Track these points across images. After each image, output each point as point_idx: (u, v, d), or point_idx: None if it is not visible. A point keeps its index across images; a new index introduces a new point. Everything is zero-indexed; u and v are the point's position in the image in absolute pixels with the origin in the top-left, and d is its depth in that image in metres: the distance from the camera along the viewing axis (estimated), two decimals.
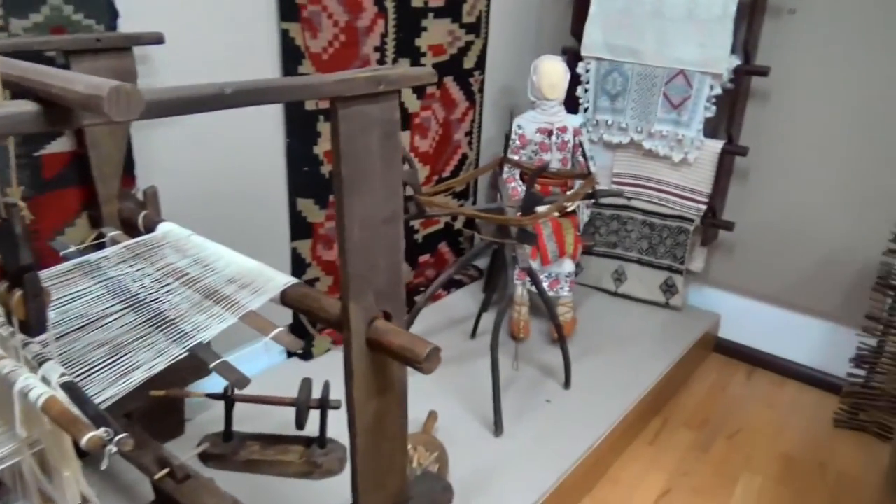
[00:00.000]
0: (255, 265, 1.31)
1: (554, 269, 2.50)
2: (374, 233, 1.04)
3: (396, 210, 1.07)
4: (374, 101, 0.97)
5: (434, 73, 1.06)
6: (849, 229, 2.49)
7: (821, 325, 2.63)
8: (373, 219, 1.03)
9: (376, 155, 1.00)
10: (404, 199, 2.06)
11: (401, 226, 1.09)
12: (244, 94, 0.78)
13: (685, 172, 2.67)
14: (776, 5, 2.49)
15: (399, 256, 1.11)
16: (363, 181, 0.99)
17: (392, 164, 1.03)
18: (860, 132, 2.41)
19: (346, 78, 0.91)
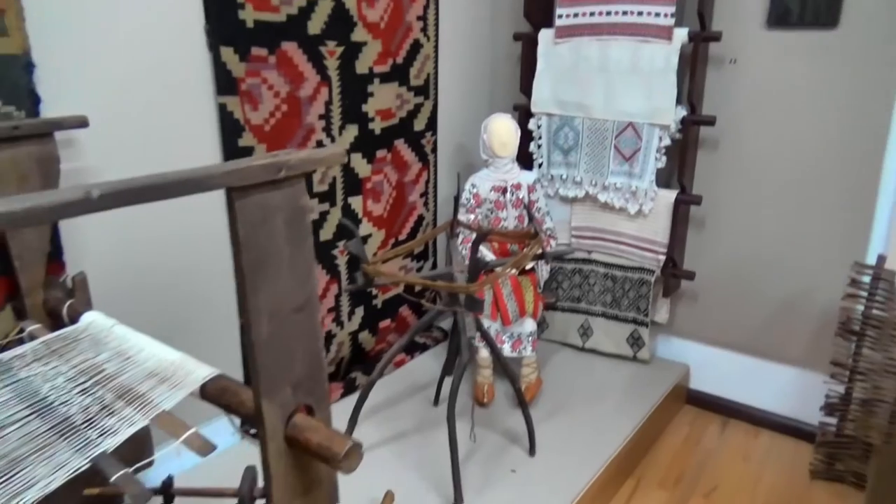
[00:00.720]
0: (178, 357, 1.24)
1: (515, 328, 2.44)
2: (285, 323, 0.98)
3: (310, 296, 1.01)
4: (275, 188, 0.92)
5: (343, 153, 1.02)
6: (807, 274, 2.48)
7: (789, 371, 2.59)
8: (282, 309, 0.97)
9: (282, 242, 0.95)
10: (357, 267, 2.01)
11: (316, 312, 1.03)
12: (116, 197, 0.72)
13: (642, 224, 2.66)
14: (718, 56, 2.53)
15: (318, 344, 1.05)
16: (268, 272, 0.93)
17: (302, 249, 0.98)
18: (810, 176, 2.42)
19: (240, 167, 0.87)
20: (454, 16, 2.76)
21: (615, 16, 2.55)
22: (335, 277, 2.39)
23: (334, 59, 2.22)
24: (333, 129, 2.28)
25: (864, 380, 2.22)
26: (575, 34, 2.65)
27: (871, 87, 2.26)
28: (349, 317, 2.50)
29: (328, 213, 2.32)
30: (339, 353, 2.49)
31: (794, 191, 2.47)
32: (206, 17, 1.83)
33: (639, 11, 2.51)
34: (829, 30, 2.31)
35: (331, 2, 2.16)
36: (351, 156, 2.37)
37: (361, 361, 2.61)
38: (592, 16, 2.60)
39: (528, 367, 2.49)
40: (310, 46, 2.13)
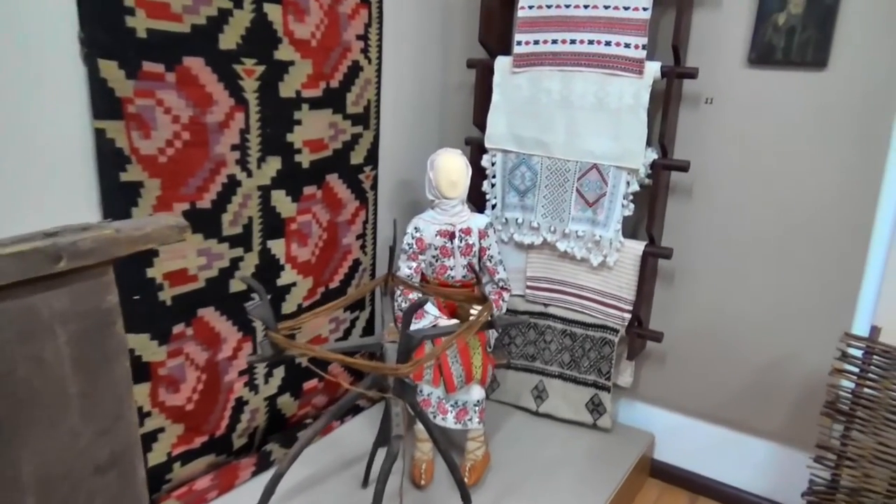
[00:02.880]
0: None
1: (461, 396, 2.11)
2: (77, 491, 0.63)
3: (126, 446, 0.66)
4: (51, 288, 0.57)
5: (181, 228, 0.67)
6: (788, 340, 2.22)
7: (766, 446, 2.32)
8: (69, 474, 0.62)
9: (67, 372, 0.60)
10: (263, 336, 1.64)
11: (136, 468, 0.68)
12: None
13: (606, 277, 2.37)
14: (693, 94, 2.28)
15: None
16: (33, 421, 0.58)
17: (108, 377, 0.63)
18: (793, 231, 2.18)
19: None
20: (400, 37, 2.45)
21: (580, 45, 2.29)
22: (249, 335, 2.02)
23: (252, 79, 1.88)
24: (250, 161, 1.93)
25: (853, 467, 1.95)
26: (535, 63, 2.37)
27: (863, 135, 2.04)
28: (266, 379, 2.13)
29: (241, 259, 1.96)
30: (253, 423, 2.12)
31: (774, 247, 2.21)
32: (81, 22, 1.47)
33: (607, 41, 2.24)
34: (817, 71, 2.08)
35: (249, 13, 1.82)
36: (272, 193, 2.02)
37: (281, 429, 2.23)
38: (555, 44, 2.33)
39: (474, 441, 2.15)
40: (221, 64, 1.79)
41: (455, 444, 2.22)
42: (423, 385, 2.09)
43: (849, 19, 2.01)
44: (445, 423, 2.09)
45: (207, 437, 1.96)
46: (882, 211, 2.06)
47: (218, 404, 1.97)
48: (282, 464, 1.57)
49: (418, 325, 2.14)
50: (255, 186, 1.96)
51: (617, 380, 2.44)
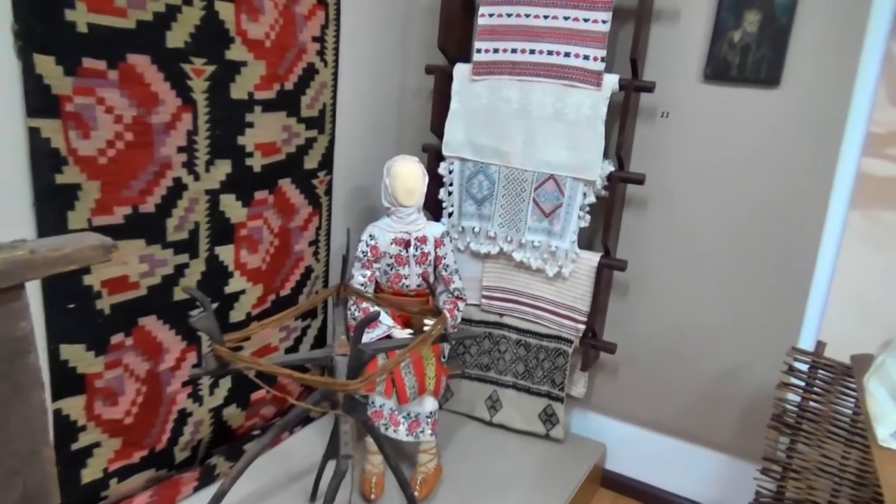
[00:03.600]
0: None
1: (413, 408, 2.07)
2: None
3: (41, 479, 0.60)
4: None
5: (109, 247, 0.62)
6: (738, 353, 2.25)
7: (715, 457, 2.34)
8: None
9: None
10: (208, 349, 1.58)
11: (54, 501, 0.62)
12: None
13: (561, 288, 2.36)
14: (649, 108, 2.29)
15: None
16: None
17: (24, 411, 0.57)
18: (745, 246, 2.21)
19: None
20: (358, 40, 2.41)
21: (539, 55, 2.28)
22: (193, 344, 1.94)
23: (202, 79, 1.81)
24: (198, 164, 1.85)
25: (798, 479, 1.99)
26: (494, 72, 2.35)
27: (812, 153, 2.08)
28: (211, 390, 2.05)
29: (187, 266, 1.88)
30: (197, 435, 2.03)
31: (726, 261, 2.24)
32: (15, 13, 1.38)
33: (566, 52, 2.24)
34: (770, 88, 2.11)
35: (199, 10, 1.75)
36: (221, 197, 1.94)
37: (227, 441, 2.15)
38: (514, 53, 2.32)
39: (426, 453, 2.12)
40: (168, 62, 1.71)
41: (407, 456, 2.18)
42: (376, 396, 2.04)
43: (801, 40, 2.05)
44: (397, 435, 2.05)
45: (147, 451, 1.87)
46: (828, 228, 2.10)
47: (159, 417, 1.89)
48: (225, 480, 1.50)
49: (371, 334, 2.10)
50: (203, 190, 1.88)
51: (570, 390, 2.44)
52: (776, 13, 2.07)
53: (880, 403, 1.35)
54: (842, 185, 2.08)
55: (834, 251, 2.11)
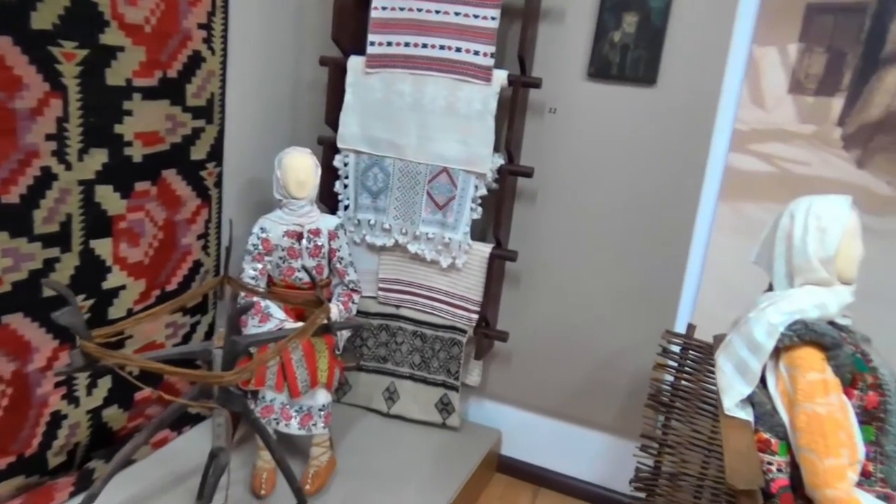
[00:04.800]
0: None
1: (305, 401, 2.05)
2: None
3: None
4: None
5: None
6: (620, 338, 2.37)
7: (602, 438, 2.46)
8: None
9: None
10: None
11: None
12: None
13: (455, 279, 2.41)
14: (538, 104, 2.37)
15: None
16: None
17: None
18: (626, 236, 2.32)
19: None
20: (248, 29, 2.35)
21: (432, 49, 2.31)
22: (68, 342, 1.85)
23: (73, 64, 1.72)
24: (69, 153, 1.76)
25: (672, 453, 2.12)
26: (388, 65, 2.36)
27: (686, 149, 2.21)
28: (89, 390, 1.96)
29: (58, 260, 1.79)
30: (73, 438, 1.94)
31: (609, 252, 2.35)
32: None
33: (457, 48, 2.28)
34: (647, 86, 2.23)
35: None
36: (97, 188, 1.86)
37: (108, 444, 2.06)
38: (408, 46, 2.34)
39: (318, 446, 2.11)
40: (34, 45, 1.62)
41: (301, 450, 2.17)
42: (266, 391, 2.02)
43: (674, 42, 2.18)
44: (289, 430, 2.03)
45: (15, 456, 1.76)
46: (700, 219, 2.25)
47: (28, 420, 1.78)
48: (94, 485, 1.44)
49: (262, 328, 2.07)
50: (76, 180, 1.79)
51: (465, 379, 2.49)
52: (651, 16, 2.19)
53: (727, 376, 1.46)
54: (712, 179, 2.23)
55: (705, 240, 2.26)
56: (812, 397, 1.32)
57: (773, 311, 1.43)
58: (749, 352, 1.43)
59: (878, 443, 1.36)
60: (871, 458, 1.34)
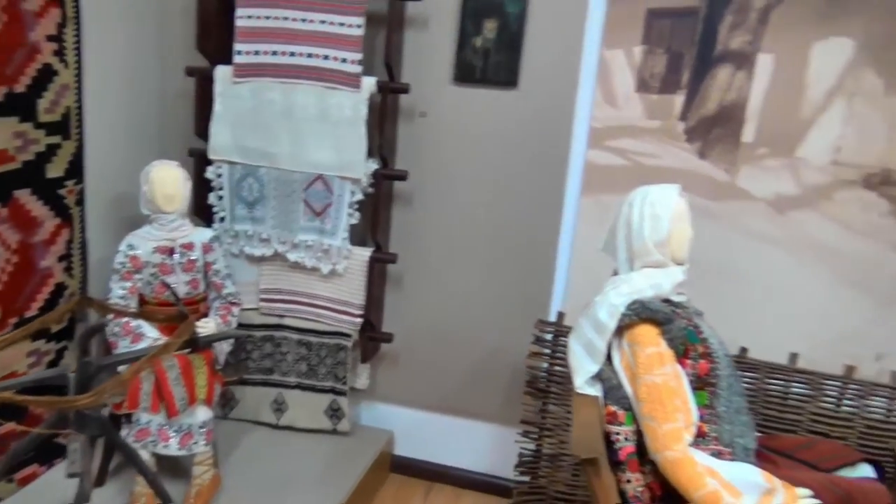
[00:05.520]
0: None
1: (185, 419, 2.01)
2: None
3: None
4: None
5: None
6: (499, 331, 2.47)
7: (488, 428, 2.55)
8: None
9: None
10: None
11: None
12: None
13: (337, 284, 2.43)
14: (409, 108, 2.43)
15: None
16: None
17: None
18: (498, 233, 2.42)
19: None
20: (106, 40, 2.28)
21: (300, 57, 2.32)
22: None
23: None
24: None
25: (550, 436, 2.23)
26: (256, 74, 2.35)
27: (549, 147, 2.34)
28: None
29: None
30: None
31: (484, 248, 2.45)
32: None
33: (325, 55, 2.30)
34: (509, 89, 2.34)
35: None
36: None
37: None
38: (275, 55, 2.34)
39: (201, 465, 2.07)
40: None
41: (183, 470, 2.11)
42: (141, 413, 1.96)
43: (532, 46, 2.30)
44: (168, 451, 1.98)
45: None
46: (566, 212, 2.38)
47: None
48: None
49: (134, 348, 2.01)
50: None
51: (354, 383, 2.51)
52: (509, 21, 2.30)
53: (577, 357, 1.57)
54: (574, 174, 2.37)
55: (571, 232, 2.39)
56: (651, 369, 1.44)
57: (614, 294, 1.55)
58: (595, 332, 1.54)
59: (711, 405, 1.50)
60: (705, 420, 1.48)
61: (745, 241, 2.25)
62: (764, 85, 2.19)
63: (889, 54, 2.09)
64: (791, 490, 1.37)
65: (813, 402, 2.08)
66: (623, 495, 1.45)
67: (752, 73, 2.19)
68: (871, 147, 2.15)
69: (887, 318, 2.19)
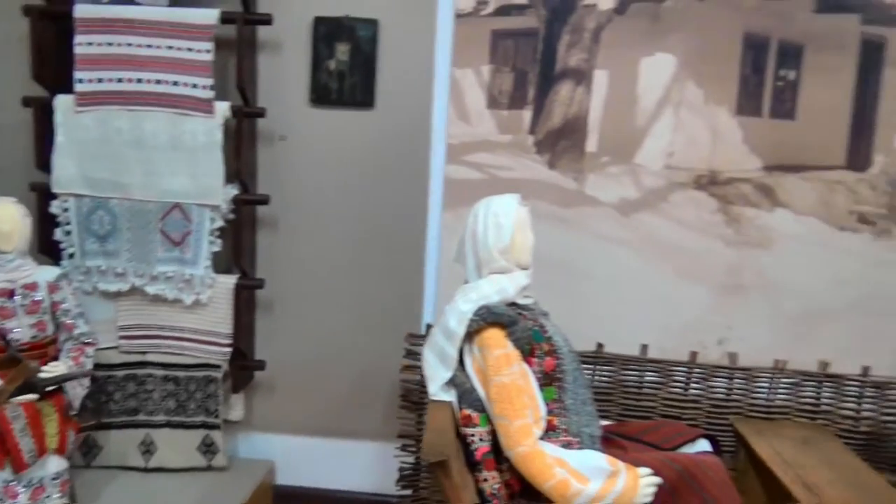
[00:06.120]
0: None
1: (36, 473, 1.88)
2: None
3: None
4: None
5: None
6: (374, 348, 2.48)
7: (370, 447, 2.54)
8: None
9: None
10: None
11: None
12: None
13: (202, 315, 2.36)
14: (268, 132, 2.42)
15: None
16: None
17: None
18: (366, 252, 2.45)
19: None
20: None
21: (148, 84, 2.26)
22: None
23: None
24: None
25: None
26: (101, 102, 2.27)
27: (409, 165, 2.41)
28: None
29: None
30: None
31: (353, 267, 2.46)
32: None
33: (174, 81, 2.26)
34: (366, 110, 2.39)
35: None
36: None
37: None
38: (121, 82, 2.27)
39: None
40: None
41: None
42: None
43: (385, 67, 2.36)
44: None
45: None
46: (430, 227, 2.44)
47: None
48: None
49: None
50: None
51: (228, 415, 2.44)
52: (361, 44, 2.35)
53: (430, 365, 1.62)
54: (435, 190, 2.44)
55: (437, 246, 2.46)
56: (499, 370, 1.51)
57: (462, 301, 1.61)
58: (446, 340, 1.60)
59: (560, 399, 1.59)
60: (555, 414, 1.57)
61: (596, 244, 2.40)
62: (602, 99, 2.36)
63: (705, 67, 2.32)
64: (633, 470, 1.47)
65: (664, 388, 2.25)
66: (481, 494, 1.50)
67: (590, 88, 2.36)
68: (698, 151, 2.37)
69: (724, 306, 2.40)
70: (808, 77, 2.30)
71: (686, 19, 2.30)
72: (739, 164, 2.36)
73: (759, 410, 2.24)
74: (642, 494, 1.45)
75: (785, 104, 2.33)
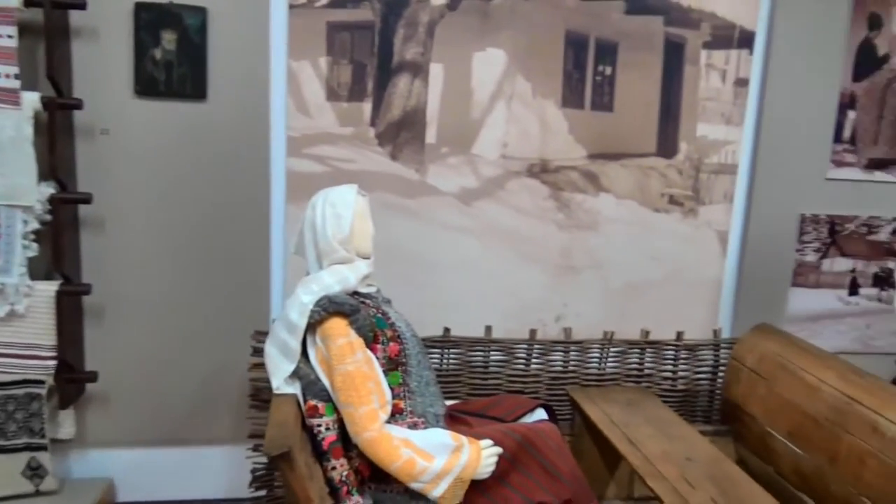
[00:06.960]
0: None
1: None
2: None
3: None
4: None
5: None
6: (218, 350, 2.39)
7: (222, 451, 2.46)
8: None
9: None
10: None
11: None
12: None
13: (19, 326, 2.15)
14: (87, 126, 2.24)
15: None
16: None
17: None
18: (205, 248, 2.35)
19: None
20: None
21: None
22: None
23: None
24: None
25: None
26: None
27: (247, 158, 2.34)
28: None
29: None
30: None
31: (192, 266, 2.36)
32: None
33: None
34: (198, 102, 2.28)
35: None
36: None
37: None
38: None
39: None
40: None
41: None
42: None
43: (217, 57, 2.27)
44: None
45: None
46: (274, 221, 2.39)
47: None
48: None
49: None
50: None
51: (56, 434, 2.25)
52: (189, 33, 2.24)
53: (273, 360, 1.61)
54: (277, 183, 2.39)
55: (282, 240, 2.41)
56: (343, 359, 1.53)
57: (303, 293, 1.61)
58: (288, 333, 1.59)
59: (405, 383, 1.64)
60: (402, 397, 1.62)
61: (440, 233, 2.49)
62: (438, 92, 2.44)
63: (532, 63, 2.47)
64: (475, 443, 1.55)
65: (508, 365, 2.38)
66: (331, 483, 1.51)
67: (427, 82, 2.43)
68: (530, 142, 2.52)
69: (559, 286, 2.59)
70: (622, 72, 2.53)
71: (514, 17, 2.43)
72: (567, 153, 2.54)
73: (592, 379, 2.44)
74: (485, 465, 1.53)
75: (604, 97, 2.54)
